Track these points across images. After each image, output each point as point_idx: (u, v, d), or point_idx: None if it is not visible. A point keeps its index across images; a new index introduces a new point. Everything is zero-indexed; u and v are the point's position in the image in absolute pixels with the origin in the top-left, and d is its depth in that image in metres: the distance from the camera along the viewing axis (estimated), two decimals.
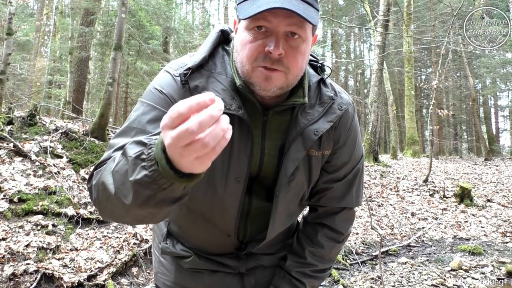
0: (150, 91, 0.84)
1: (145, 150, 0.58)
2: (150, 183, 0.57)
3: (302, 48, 0.78)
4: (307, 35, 0.78)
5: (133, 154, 0.59)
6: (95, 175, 0.74)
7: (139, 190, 0.58)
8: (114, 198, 0.65)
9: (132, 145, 0.61)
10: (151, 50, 9.27)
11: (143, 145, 0.60)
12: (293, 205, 0.96)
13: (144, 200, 0.59)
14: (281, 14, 0.73)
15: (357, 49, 31.66)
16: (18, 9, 13.48)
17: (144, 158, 0.58)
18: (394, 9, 12.69)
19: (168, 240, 1.02)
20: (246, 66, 0.78)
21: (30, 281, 2.55)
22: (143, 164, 0.57)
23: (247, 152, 0.85)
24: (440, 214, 6.10)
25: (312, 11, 0.75)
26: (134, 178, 0.58)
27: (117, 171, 0.63)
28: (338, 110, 0.91)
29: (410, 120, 13.18)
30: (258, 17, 0.74)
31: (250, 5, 0.74)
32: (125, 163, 0.61)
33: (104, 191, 0.67)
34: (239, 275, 1.01)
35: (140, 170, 0.58)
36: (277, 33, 0.75)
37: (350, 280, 3.45)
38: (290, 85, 0.82)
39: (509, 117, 27.32)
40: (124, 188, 0.61)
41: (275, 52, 0.74)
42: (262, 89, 0.79)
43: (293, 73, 0.79)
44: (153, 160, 0.56)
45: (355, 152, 0.98)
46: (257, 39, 0.76)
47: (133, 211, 0.62)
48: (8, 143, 3.92)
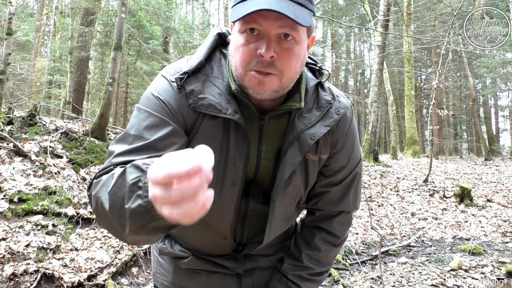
0: (147, 97, 0.84)
1: (142, 178, 0.58)
2: (144, 213, 0.57)
3: (296, 50, 0.77)
4: (300, 37, 0.77)
5: (130, 180, 0.60)
6: (94, 185, 0.74)
7: (134, 218, 0.59)
8: (111, 218, 0.65)
9: (131, 168, 0.62)
10: (151, 50, 9.27)
11: (141, 171, 0.60)
12: (290, 209, 0.96)
13: (138, 228, 0.60)
14: (272, 16, 0.72)
15: (357, 49, 31.67)
16: (18, 9, 13.49)
17: (141, 187, 0.58)
18: (394, 9, 12.69)
19: (166, 241, 1.02)
20: (239, 70, 0.78)
21: (30, 281, 2.55)
22: (139, 192, 0.58)
23: (243, 156, 0.85)
24: (440, 214, 6.10)
25: (304, 12, 0.74)
26: (129, 206, 0.59)
27: (114, 193, 0.64)
28: (336, 115, 0.90)
29: (410, 120, 13.18)
30: (249, 19, 0.73)
31: (240, 7, 0.73)
32: (122, 187, 0.61)
33: (102, 208, 0.67)
34: (236, 276, 1.01)
35: (135, 198, 0.58)
36: (268, 36, 0.74)
37: (350, 280, 3.45)
38: (286, 88, 0.81)
39: (509, 117, 27.31)
40: (121, 216, 0.61)
41: (266, 55, 0.73)
42: (256, 93, 0.78)
43: (287, 76, 0.78)
44: (148, 190, 0.55)
45: (353, 156, 0.97)
46: (249, 42, 0.75)
47: (128, 236, 0.63)
48: (8, 143, 3.92)
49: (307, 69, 0.93)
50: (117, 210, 0.62)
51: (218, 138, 0.83)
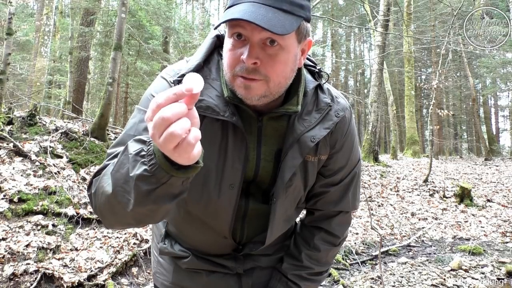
0: (147, 98, 0.85)
1: (145, 147, 0.61)
2: (150, 177, 0.59)
3: (281, 56, 0.75)
4: (287, 43, 0.75)
5: (133, 151, 0.62)
6: (94, 182, 0.75)
7: (139, 185, 0.60)
8: (114, 199, 0.65)
9: (133, 143, 0.64)
10: (151, 50, 9.27)
11: (143, 143, 0.62)
12: (291, 209, 0.97)
13: (143, 196, 0.61)
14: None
15: (357, 49, 31.67)
16: (18, 9, 13.49)
17: (144, 155, 0.61)
18: (394, 9, 12.69)
19: (166, 241, 1.02)
20: (228, 74, 0.78)
21: (30, 281, 2.55)
22: (143, 160, 0.60)
23: (241, 158, 0.85)
24: (440, 214, 6.10)
25: (286, 19, 0.71)
26: (134, 173, 0.60)
27: (117, 170, 0.65)
28: (335, 117, 0.90)
29: (410, 120, 13.19)
30: (234, 23, 0.73)
31: (226, 13, 0.73)
32: (125, 161, 0.63)
33: (104, 193, 0.68)
34: (236, 276, 1.01)
35: (140, 166, 0.60)
36: (252, 41, 0.73)
37: (350, 280, 3.45)
38: (275, 93, 0.79)
39: (509, 117, 27.31)
40: (126, 186, 0.63)
41: (247, 61, 0.72)
42: (244, 97, 0.77)
43: (274, 81, 0.76)
44: (152, 155, 0.59)
45: (352, 157, 0.98)
46: (235, 48, 0.75)
47: (133, 209, 0.63)
48: (8, 143, 3.92)
49: (306, 71, 0.93)
50: (120, 185, 0.64)
51: (217, 140, 0.84)
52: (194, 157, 0.56)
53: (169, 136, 0.52)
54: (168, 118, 0.52)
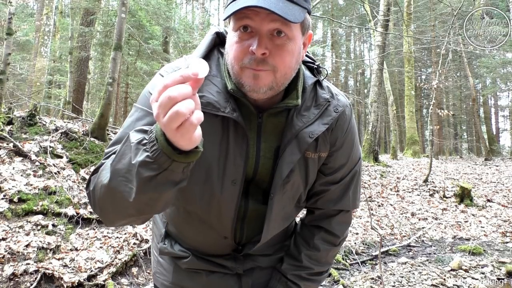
0: (145, 96, 0.84)
1: (146, 136, 0.63)
2: (151, 163, 0.61)
3: (289, 46, 0.76)
4: (293, 34, 0.76)
5: (135, 140, 0.63)
6: (92, 180, 0.75)
7: (141, 171, 0.61)
8: (115, 189, 0.66)
9: (134, 133, 0.65)
10: (151, 50, 9.26)
11: (144, 132, 0.64)
12: (289, 207, 0.96)
13: (145, 183, 0.62)
14: (263, 12, 0.72)
15: (357, 49, 31.67)
16: (18, 9, 13.49)
17: (146, 143, 0.62)
18: (394, 9, 12.70)
19: (166, 241, 1.02)
20: (235, 67, 0.78)
21: (30, 281, 2.55)
22: (145, 147, 0.62)
23: (242, 154, 0.85)
24: (440, 214, 6.10)
25: (295, 9, 0.73)
26: (136, 160, 0.62)
27: (118, 161, 0.66)
28: (334, 113, 0.90)
29: (410, 120, 13.19)
30: (241, 15, 0.74)
31: (232, 6, 0.74)
32: (127, 150, 0.64)
33: (104, 186, 0.68)
34: (236, 276, 1.01)
35: (142, 153, 0.62)
36: (260, 32, 0.74)
37: (350, 280, 3.45)
38: (280, 85, 0.80)
39: (509, 117, 27.31)
40: (128, 175, 0.64)
41: (257, 51, 0.73)
42: (252, 89, 0.77)
43: (281, 71, 0.77)
44: (153, 141, 0.61)
45: (352, 155, 0.97)
46: (242, 40, 0.76)
47: (135, 197, 0.64)
48: (8, 143, 3.92)
49: (305, 68, 0.93)
50: (123, 175, 0.64)
51: (218, 136, 0.84)
52: (196, 140, 0.58)
53: (174, 115, 0.54)
54: (174, 97, 0.54)
